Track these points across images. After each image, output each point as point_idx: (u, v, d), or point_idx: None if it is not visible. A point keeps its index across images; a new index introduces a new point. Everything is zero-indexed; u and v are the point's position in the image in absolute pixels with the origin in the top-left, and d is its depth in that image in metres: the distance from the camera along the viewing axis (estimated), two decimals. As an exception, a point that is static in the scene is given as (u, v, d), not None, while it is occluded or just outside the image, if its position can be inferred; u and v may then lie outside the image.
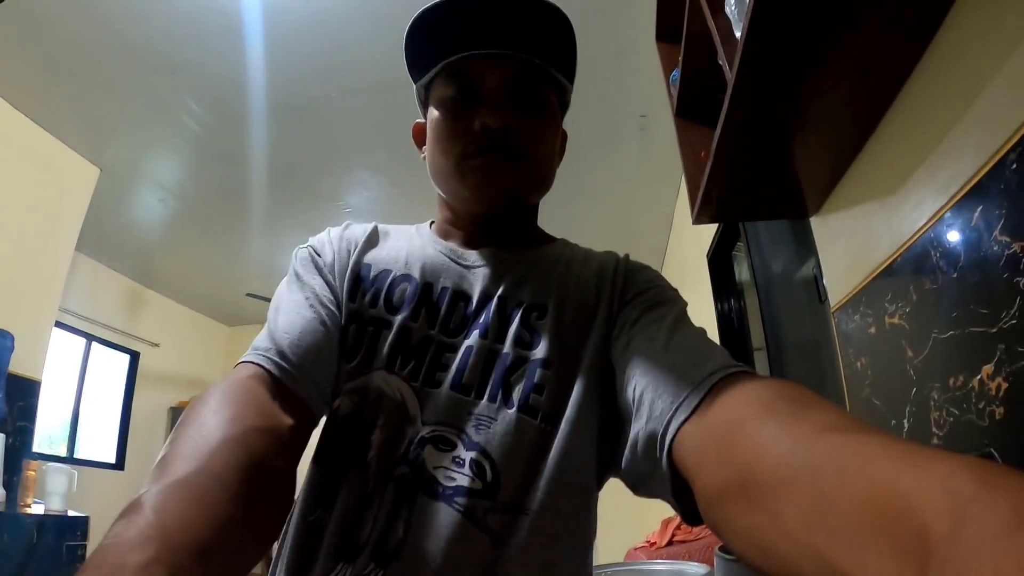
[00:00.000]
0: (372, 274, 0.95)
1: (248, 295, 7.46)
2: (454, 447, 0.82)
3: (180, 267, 7.50)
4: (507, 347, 0.88)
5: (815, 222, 2.05)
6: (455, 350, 0.88)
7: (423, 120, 1.03)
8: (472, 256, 0.98)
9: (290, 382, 0.80)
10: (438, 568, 0.75)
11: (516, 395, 0.85)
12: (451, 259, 0.98)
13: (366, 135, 4.73)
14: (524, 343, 0.89)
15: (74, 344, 7.05)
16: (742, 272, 4.00)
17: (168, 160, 5.12)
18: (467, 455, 0.81)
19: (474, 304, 0.92)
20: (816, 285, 2.15)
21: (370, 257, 0.98)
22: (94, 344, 7.29)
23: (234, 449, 0.66)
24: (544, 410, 0.84)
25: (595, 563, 1.03)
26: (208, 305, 8.99)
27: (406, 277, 0.95)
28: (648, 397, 0.73)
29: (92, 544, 5.24)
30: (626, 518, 7.99)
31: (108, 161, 5.11)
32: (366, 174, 5.31)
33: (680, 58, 1.97)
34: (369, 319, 0.91)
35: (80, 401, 7.07)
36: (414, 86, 1.01)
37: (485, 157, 0.90)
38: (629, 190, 5.66)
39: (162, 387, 8.34)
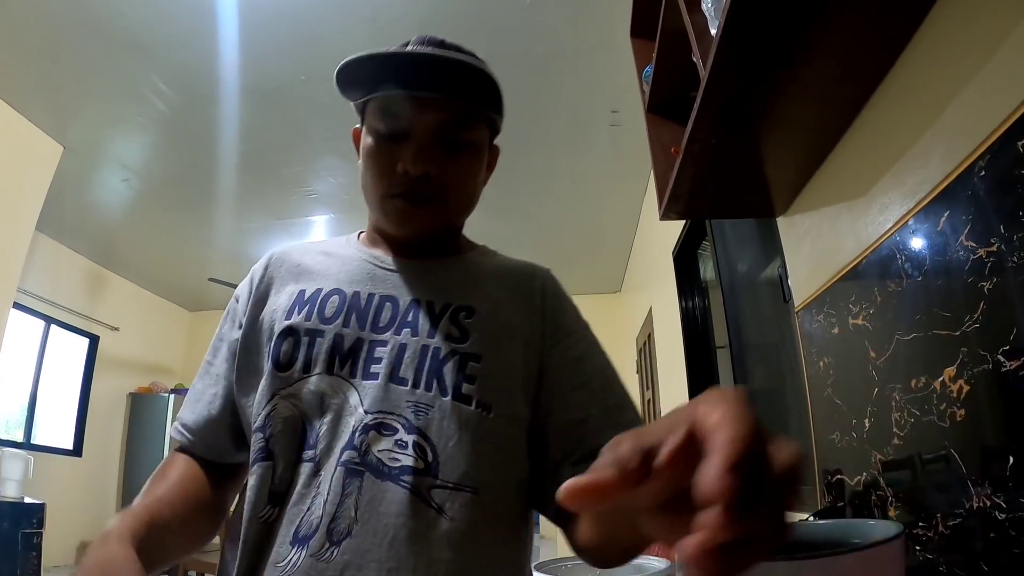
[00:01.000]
0: (306, 295, 0.98)
1: (211, 280, 7.36)
2: (395, 431, 0.86)
3: (142, 250, 7.37)
4: (438, 341, 0.93)
5: (782, 222, 2.07)
6: (387, 344, 0.92)
7: (360, 127, 1.05)
8: (398, 263, 1.03)
9: (193, 448, 1.02)
10: (390, 541, 0.80)
11: (449, 384, 0.90)
12: (377, 266, 1.02)
13: (335, 122, 4.67)
14: (454, 338, 0.93)
15: (32, 326, 6.90)
16: (707, 270, 4.04)
17: (133, 140, 5.01)
18: (409, 438, 0.86)
19: (402, 306, 0.96)
20: (781, 285, 2.17)
21: (298, 282, 1.02)
22: (53, 327, 7.15)
23: (178, 491, 0.94)
24: (478, 397, 0.90)
25: (555, 557, 1.07)
26: (170, 289, 8.85)
27: (336, 291, 0.98)
28: (575, 436, 0.91)
29: (48, 532, 5.16)
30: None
31: (72, 139, 4.99)
32: (333, 161, 5.26)
33: (654, 54, 1.97)
34: (304, 331, 0.93)
35: (38, 385, 6.93)
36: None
37: (404, 201, 0.96)
38: (598, 185, 5.68)
39: (121, 372, 8.20)
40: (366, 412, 0.87)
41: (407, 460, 0.84)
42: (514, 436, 0.92)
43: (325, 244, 1.09)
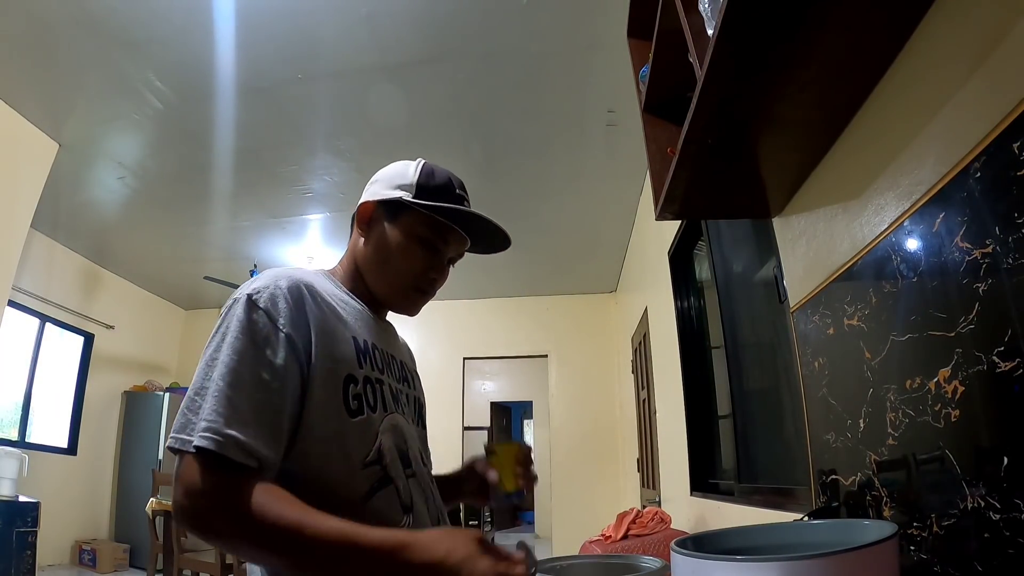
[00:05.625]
0: (360, 344, 1.25)
1: (206, 278, 7.35)
2: (426, 450, 1.39)
3: (137, 248, 7.36)
4: (415, 392, 1.41)
5: (777, 223, 2.08)
6: (403, 393, 1.33)
7: (372, 203, 1.31)
8: (379, 320, 1.36)
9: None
10: (441, 512, 1.30)
11: (424, 421, 1.44)
12: (374, 321, 1.33)
13: (331, 120, 4.69)
14: (414, 387, 1.41)
15: (27, 324, 6.88)
16: (703, 270, 4.04)
17: (129, 137, 5.00)
18: (427, 453, 1.40)
19: (397, 362, 1.34)
20: (776, 285, 2.17)
21: (345, 329, 1.26)
22: (48, 325, 7.13)
23: None
24: (425, 428, 1.44)
25: (551, 555, 1.13)
26: (165, 287, 8.84)
27: (375, 346, 1.28)
28: None
29: (43, 530, 5.15)
30: (582, 511, 8.06)
31: (67, 136, 4.98)
32: (329, 159, 5.26)
33: (651, 54, 1.97)
34: (375, 380, 1.23)
35: (32, 384, 6.91)
36: (405, 189, 1.28)
37: (421, 297, 1.34)
38: (594, 184, 5.69)
39: (116, 370, 8.18)
40: (416, 439, 1.31)
41: (431, 466, 1.38)
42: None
43: (329, 286, 1.27)
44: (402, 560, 0.93)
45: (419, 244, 1.27)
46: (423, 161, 1.32)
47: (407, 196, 1.27)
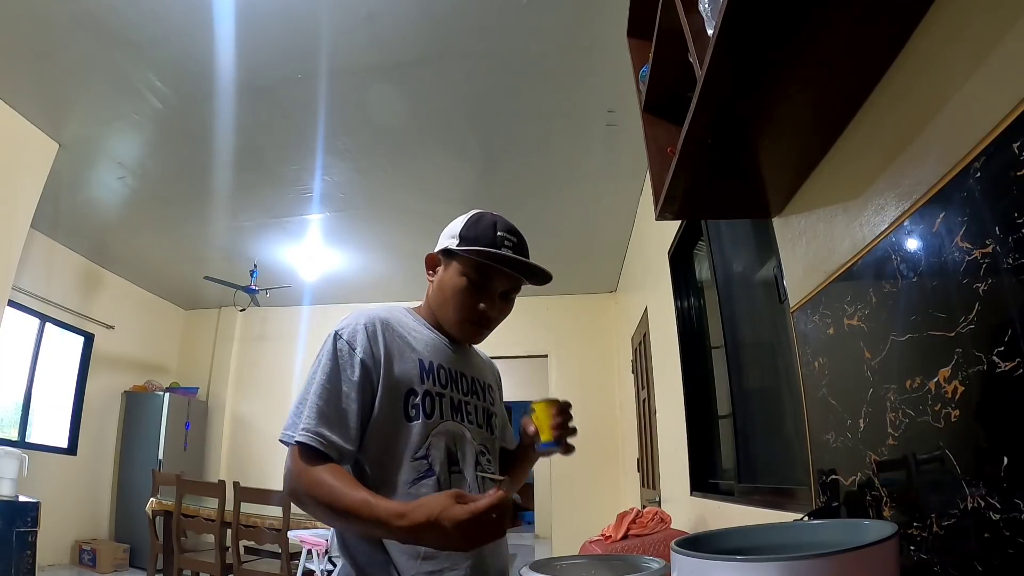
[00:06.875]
0: (425, 366, 1.51)
1: (206, 278, 7.36)
2: (487, 454, 1.56)
3: (138, 247, 7.36)
4: (484, 403, 1.63)
5: (777, 223, 2.07)
6: (470, 404, 1.57)
7: (436, 253, 1.60)
8: (452, 346, 1.61)
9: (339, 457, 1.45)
10: (474, 479, 1.51)
11: (492, 427, 1.63)
12: (447, 347, 1.59)
13: (331, 120, 4.68)
14: (488, 400, 1.65)
15: (27, 324, 6.88)
16: (703, 270, 4.04)
17: (129, 137, 5.00)
18: (492, 457, 1.60)
19: (468, 379, 1.60)
20: (776, 285, 2.17)
21: (413, 352, 1.53)
22: (48, 325, 7.13)
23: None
24: (497, 433, 1.65)
25: (551, 555, 1.16)
26: (165, 287, 8.84)
27: (440, 366, 1.54)
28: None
29: (43, 530, 5.15)
30: (582, 511, 8.06)
31: (67, 136, 4.98)
32: (329, 159, 5.25)
33: (651, 54, 1.97)
34: (436, 393, 1.49)
35: (32, 383, 6.92)
36: (454, 237, 1.53)
37: (476, 328, 1.57)
38: (594, 184, 5.68)
39: (116, 370, 8.19)
40: (476, 442, 1.53)
41: (492, 468, 1.56)
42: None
43: (406, 320, 1.58)
44: (401, 523, 1.19)
45: (467, 283, 1.52)
46: (473, 212, 1.60)
47: (454, 244, 1.52)
